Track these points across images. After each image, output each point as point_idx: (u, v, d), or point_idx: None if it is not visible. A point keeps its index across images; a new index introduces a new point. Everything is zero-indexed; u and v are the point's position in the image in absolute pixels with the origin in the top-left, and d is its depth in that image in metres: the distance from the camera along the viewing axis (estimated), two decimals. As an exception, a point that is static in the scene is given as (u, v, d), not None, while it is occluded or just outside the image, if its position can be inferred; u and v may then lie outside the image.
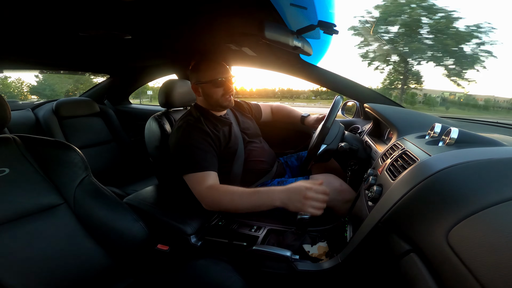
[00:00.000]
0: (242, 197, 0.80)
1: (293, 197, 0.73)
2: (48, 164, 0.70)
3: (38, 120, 1.54)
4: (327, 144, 0.95)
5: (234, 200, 0.81)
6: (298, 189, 0.73)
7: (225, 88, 0.97)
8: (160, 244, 0.87)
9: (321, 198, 0.73)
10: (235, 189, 0.82)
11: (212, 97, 0.98)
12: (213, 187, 0.84)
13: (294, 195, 0.72)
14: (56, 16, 0.69)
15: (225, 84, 0.97)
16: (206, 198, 0.85)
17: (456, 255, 0.34)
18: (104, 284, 0.68)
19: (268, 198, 0.76)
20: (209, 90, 0.98)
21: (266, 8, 0.63)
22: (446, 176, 0.43)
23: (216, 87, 0.97)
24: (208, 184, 0.85)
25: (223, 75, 0.97)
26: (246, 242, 0.83)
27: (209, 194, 0.84)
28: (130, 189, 1.47)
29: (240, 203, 0.80)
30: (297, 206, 0.72)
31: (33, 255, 0.60)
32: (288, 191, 0.74)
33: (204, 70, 0.98)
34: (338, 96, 0.95)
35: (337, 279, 0.67)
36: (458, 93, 9.84)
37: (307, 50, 0.86)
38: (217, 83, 0.96)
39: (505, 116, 9.03)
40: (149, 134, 1.08)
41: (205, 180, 0.85)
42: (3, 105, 0.67)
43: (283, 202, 0.74)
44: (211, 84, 0.97)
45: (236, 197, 0.81)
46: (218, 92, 0.97)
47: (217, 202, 0.83)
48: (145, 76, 1.87)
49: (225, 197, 0.82)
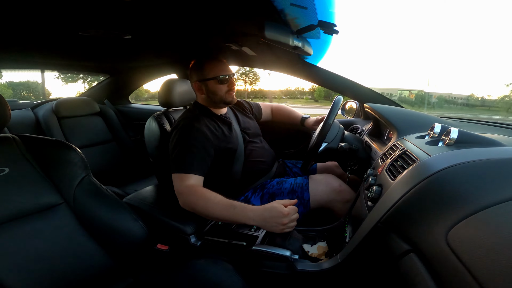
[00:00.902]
0: (216, 206, 0.79)
1: (269, 221, 0.75)
2: (48, 164, 0.70)
3: (38, 120, 1.54)
4: (328, 142, 0.96)
5: (208, 207, 0.80)
6: (275, 215, 0.74)
7: (229, 85, 1.00)
8: (160, 244, 0.87)
9: (295, 219, 0.77)
10: (212, 196, 0.81)
11: (217, 93, 1.00)
12: (193, 187, 0.83)
13: (271, 219, 0.74)
14: (56, 16, 0.69)
15: (229, 81, 1.00)
16: (182, 195, 0.84)
17: (455, 255, 0.34)
18: (104, 284, 0.68)
19: (243, 216, 0.77)
20: (213, 87, 0.99)
21: (266, 8, 0.63)
22: (446, 176, 0.43)
23: (221, 83, 0.99)
24: (188, 183, 0.84)
25: (227, 72, 1.00)
26: (246, 242, 0.83)
27: (186, 192, 0.83)
28: (130, 188, 1.47)
29: (213, 212, 0.79)
30: (273, 229, 0.75)
31: (33, 255, 0.60)
32: (263, 214, 0.75)
33: (208, 67, 1.00)
34: (338, 96, 0.95)
35: (336, 279, 0.67)
36: (416, 91, 9.75)
37: (307, 50, 0.86)
38: (222, 80, 0.98)
39: (459, 112, 9.00)
40: (149, 133, 1.08)
41: (187, 179, 0.85)
42: (3, 104, 0.67)
43: (259, 224, 0.77)
44: (216, 80, 0.98)
45: (210, 204, 0.79)
46: (223, 88, 1.00)
47: (192, 204, 0.82)
48: (145, 76, 1.88)
49: (200, 201, 0.81)
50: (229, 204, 0.79)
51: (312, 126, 1.25)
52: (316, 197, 0.95)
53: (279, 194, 0.98)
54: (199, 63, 1.02)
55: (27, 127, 1.47)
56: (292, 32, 0.76)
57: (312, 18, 0.71)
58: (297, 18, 0.72)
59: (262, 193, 1.00)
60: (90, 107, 1.72)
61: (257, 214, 0.76)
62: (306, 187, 0.97)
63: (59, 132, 1.53)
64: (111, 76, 1.91)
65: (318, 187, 0.97)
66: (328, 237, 0.85)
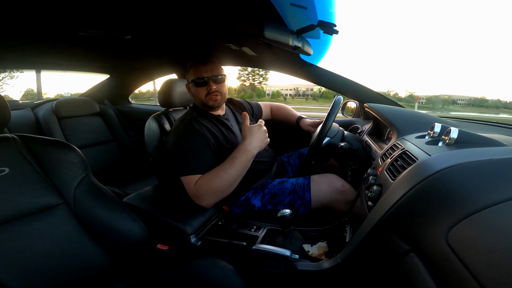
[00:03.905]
0: (226, 170, 0.84)
1: (260, 140, 0.88)
2: (48, 164, 0.70)
3: (38, 120, 1.54)
4: (330, 137, 0.96)
5: (222, 177, 0.83)
6: (260, 135, 0.88)
7: (207, 88, 0.97)
8: (160, 244, 0.87)
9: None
10: (215, 169, 0.85)
11: (197, 96, 0.99)
12: (198, 182, 0.85)
13: (259, 137, 0.88)
14: (56, 16, 0.69)
15: (208, 84, 0.96)
16: (199, 196, 0.86)
17: (455, 255, 0.34)
18: (104, 284, 0.68)
19: (246, 155, 0.85)
20: (194, 90, 1.00)
21: (266, 8, 0.63)
22: (446, 176, 0.43)
23: (197, 86, 0.97)
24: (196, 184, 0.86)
25: (203, 74, 0.96)
26: (246, 241, 0.83)
27: (200, 189, 0.85)
28: (130, 189, 1.47)
29: (229, 175, 0.83)
30: (265, 142, 0.90)
31: (33, 255, 0.60)
32: (254, 139, 0.87)
33: (191, 69, 0.99)
34: (338, 96, 0.95)
35: (337, 279, 0.67)
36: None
37: (307, 50, 0.86)
38: (198, 83, 0.97)
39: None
40: (149, 133, 1.08)
41: (197, 180, 0.86)
42: (3, 104, 0.67)
43: (258, 147, 0.88)
44: (193, 83, 0.98)
45: (221, 173, 0.83)
46: (201, 91, 0.97)
47: (211, 191, 0.84)
48: (145, 76, 1.88)
49: (214, 180, 0.83)
50: (230, 160, 0.85)
51: (307, 127, 1.26)
52: (318, 197, 0.95)
53: (280, 194, 0.98)
54: (189, 65, 1.01)
55: (27, 127, 1.47)
56: (292, 32, 0.76)
57: (312, 18, 0.71)
58: (297, 18, 0.72)
59: (263, 193, 1.00)
60: (90, 107, 1.72)
61: (251, 143, 0.86)
62: (307, 187, 0.96)
63: (59, 132, 1.52)
64: (111, 76, 1.91)
65: (320, 187, 0.96)
66: (328, 237, 0.85)
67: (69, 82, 7.67)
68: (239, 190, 1.03)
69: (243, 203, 1.00)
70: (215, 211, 0.99)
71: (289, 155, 1.29)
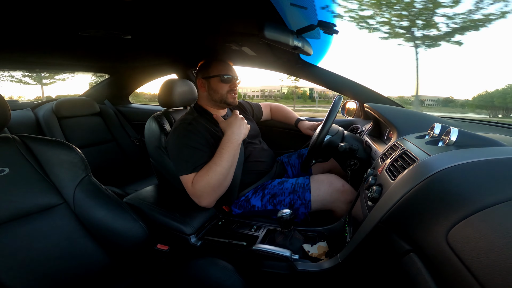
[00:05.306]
0: (217, 162, 0.85)
1: (239, 126, 0.90)
2: (48, 164, 0.70)
3: (38, 120, 1.54)
4: (331, 135, 0.96)
5: (215, 170, 0.84)
6: (236, 121, 0.91)
7: (231, 85, 1.02)
8: (160, 244, 0.87)
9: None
10: (207, 165, 0.87)
11: (218, 91, 1.01)
12: (194, 179, 0.86)
13: (238, 125, 0.90)
14: (56, 16, 0.69)
15: (232, 82, 1.02)
16: (198, 194, 0.86)
17: (455, 255, 0.34)
18: (104, 284, 0.68)
19: (231, 143, 0.87)
20: (215, 85, 1.01)
21: (266, 8, 0.63)
22: (446, 176, 0.43)
23: (223, 82, 1.00)
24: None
25: (231, 73, 1.02)
26: (246, 242, 0.83)
27: (197, 186, 0.85)
28: (130, 188, 1.47)
29: (221, 167, 0.84)
30: (246, 129, 0.93)
31: (33, 255, 0.60)
32: (232, 128, 0.90)
33: (214, 66, 1.02)
34: (338, 96, 0.95)
35: (337, 279, 0.67)
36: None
37: (307, 50, 0.86)
38: (225, 79, 1.00)
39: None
40: (149, 134, 1.08)
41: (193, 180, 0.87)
42: (3, 104, 0.67)
43: (241, 134, 0.90)
44: (218, 78, 1.00)
45: (213, 166, 0.85)
46: (224, 88, 1.01)
47: (208, 186, 0.84)
48: (145, 76, 1.87)
49: (208, 174, 0.84)
50: (218, 152, 0.87)
51: (306, 130, 1.27)
52: (318, 197, 0.95)
53: (280, 194, 0.98)
54: (207, 62, 1.04)
55: (27, 127, 1.47)
56: (292, 32, 0.76)
57: (312, 18, 0.71)
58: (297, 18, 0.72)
59: (263, 193, 1.00)
60: (90, 107, 1.72)
61: (233, 133, 0.89)
62: (307, 187, 0.96)
63: (59, 132, 1.52)
64: (111, 76, 1.91)
65: (320, 187, 0.96)
66: (328, 237, 0.85)
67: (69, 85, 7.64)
68: (239, 190, 1.03)
69: (243, 203, 1.00)
70: (215, 211, 0.99)
71: (289, 155, 1.29)
